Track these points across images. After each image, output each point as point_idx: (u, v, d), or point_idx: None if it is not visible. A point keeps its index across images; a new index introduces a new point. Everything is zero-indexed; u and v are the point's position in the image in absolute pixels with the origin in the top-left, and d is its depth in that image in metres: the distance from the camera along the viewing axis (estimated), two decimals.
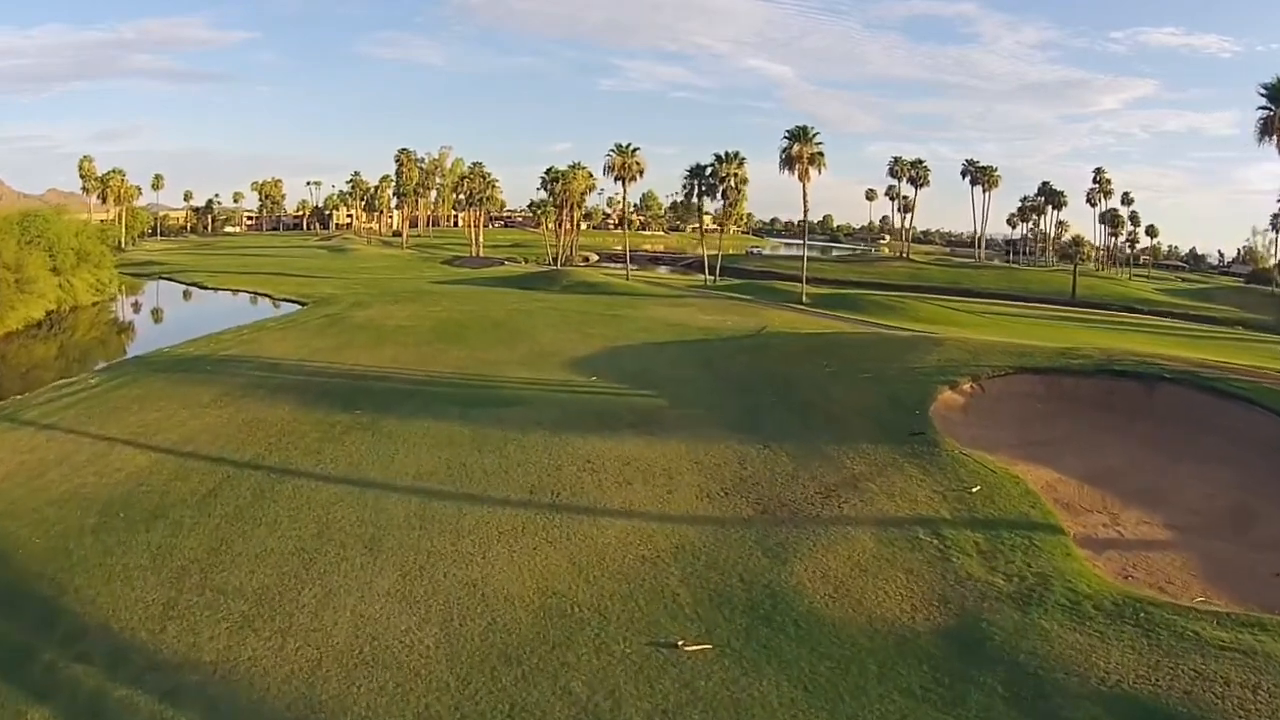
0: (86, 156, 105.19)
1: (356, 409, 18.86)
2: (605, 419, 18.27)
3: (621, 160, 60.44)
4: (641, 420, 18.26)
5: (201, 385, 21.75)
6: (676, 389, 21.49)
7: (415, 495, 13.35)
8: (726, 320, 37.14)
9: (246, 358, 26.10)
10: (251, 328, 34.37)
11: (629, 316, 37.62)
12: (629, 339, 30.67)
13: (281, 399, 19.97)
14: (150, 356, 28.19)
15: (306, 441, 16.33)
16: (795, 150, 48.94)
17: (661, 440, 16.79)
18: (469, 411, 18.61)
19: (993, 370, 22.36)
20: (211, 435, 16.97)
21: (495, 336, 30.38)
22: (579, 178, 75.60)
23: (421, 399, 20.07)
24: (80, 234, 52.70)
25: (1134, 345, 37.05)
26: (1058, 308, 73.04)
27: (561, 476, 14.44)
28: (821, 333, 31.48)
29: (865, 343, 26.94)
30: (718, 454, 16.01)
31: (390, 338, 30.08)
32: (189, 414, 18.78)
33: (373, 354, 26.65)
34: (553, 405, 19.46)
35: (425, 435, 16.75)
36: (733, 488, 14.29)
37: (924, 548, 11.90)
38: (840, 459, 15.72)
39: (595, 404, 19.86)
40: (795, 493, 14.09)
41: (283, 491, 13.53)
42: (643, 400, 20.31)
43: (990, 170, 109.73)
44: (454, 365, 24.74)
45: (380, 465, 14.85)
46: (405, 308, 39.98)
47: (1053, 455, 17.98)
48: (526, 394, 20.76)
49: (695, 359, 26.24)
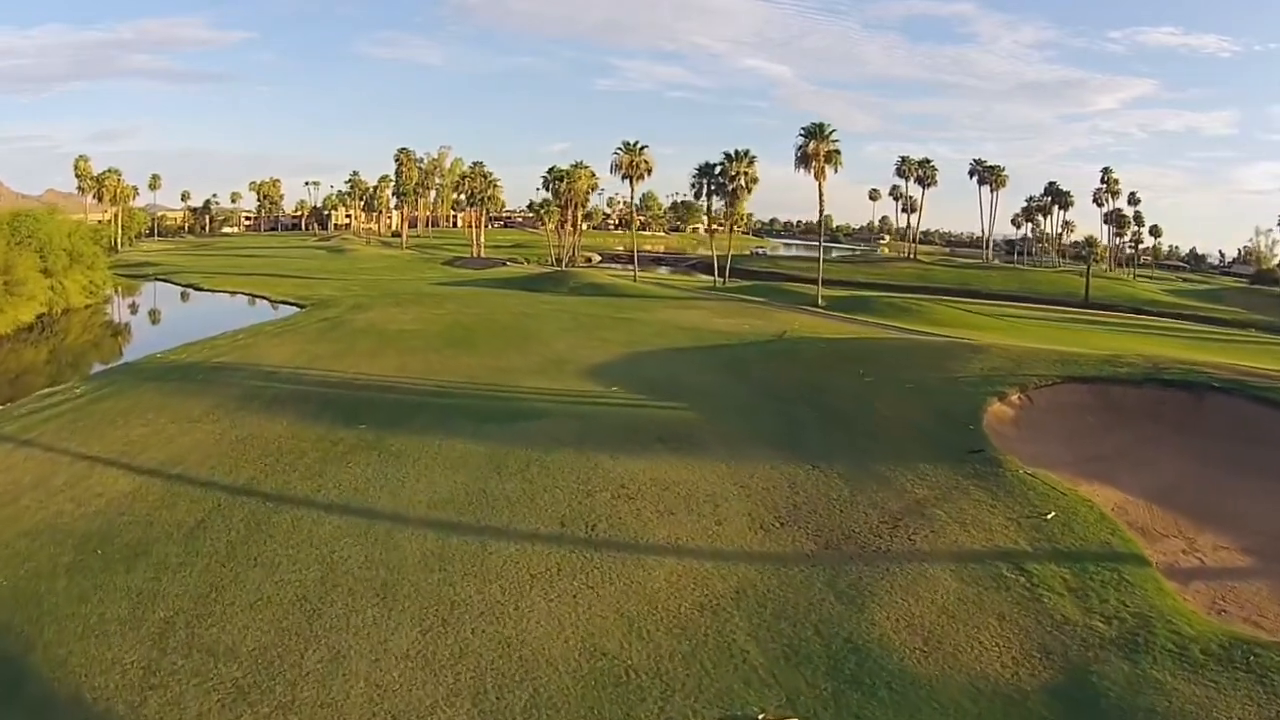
0: (82, 156, 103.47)
1: (360, 424, 17.28)
2: (634, 435, 16.71)
3: (630, 158, 58.82)
4: (674, 436, 16.70)
5: (193, 396, 20.16)
6: (706, 400, 19.95)
7: (431, 529, 11.77)
8: (744, 324, 35.61)
9: (241, 365, 24.50)
10: (247, 332, 32.77)
11: (642, 320, 36.06)
12: (646, 344, 29.12)
13: (278, 412, 18.38)
14: (141, 363, 26.60)
15: (306, 463, 14.74)
16: (811, 147, 47.40)
17: (699, 460, 15.26)
18: (483, 427, 17.03)
19: (1039, 380, 21.23)
20: (202, 455, 15.37)
21: (505, 342, 28.80)
22: (583, 177, 73.98)
23: (431, 412, 18.48)
24: (73, 234, 51.05)
25: (1167, 350, 35.75)
26: (1072, 310, 71.63)
27: (595, 505, 12.87)
28: (848, 338, 29.97)
29: (900, 349, 25.42)
30: (763, 476, 14.50)
31: (393, 343, 28.50)
32: (178, 429, 17.19)
33: (375, 361, 25.06)
34: (574, 419, 17.89)
35: (437, 455, 15.18)
36: (787, 517, 12.76)
37: (1011, 586, 10.57)
38: (899, 481, 14.28)
39: (621, 417, 18.31)
40: (858, 522, 12.61)
41: (280, 524, 11.95)
42: (672, 413, 18.74)
43: (998, 170, 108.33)
44: (463, 374, 23.17)
45: (389, 492, 13.26)
46: (408, 311, 38.39)
47: (1110, 472, 16.97)
48: (544, 406, 19.19)
49: (721, 366, 24.69)
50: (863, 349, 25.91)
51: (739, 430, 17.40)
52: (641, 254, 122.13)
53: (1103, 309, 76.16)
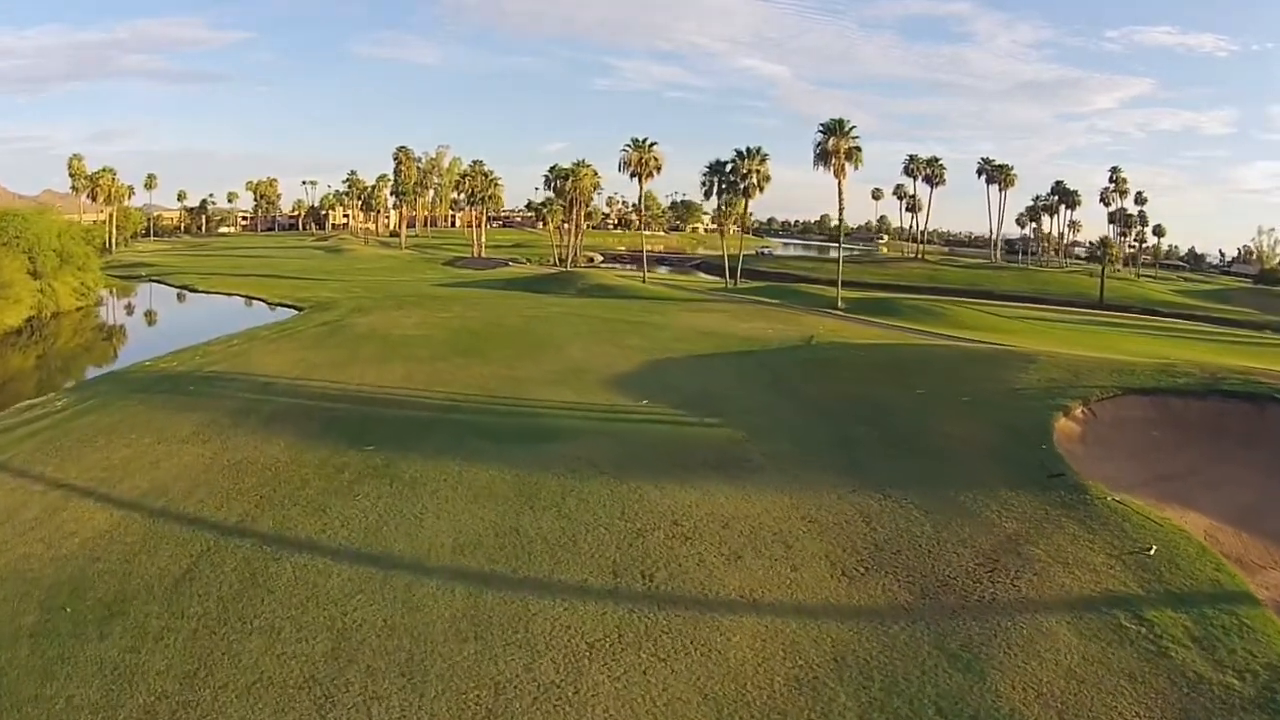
0: (76, 155, 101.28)
1: (367, 445, 15.44)
2: (677, 458, 14.91)
3: (638, 155, 56.86)
4: (723, 460, 14.91)
5: (181, 411, 18.30)
6: (748, 416, 18.16)
7: (459, 581, 9.93)
8: (767, 328, 33.81)
9: (235, 375, 22.63)
10: (242, 337, 30.87)
11: (659, 324, 34.23)
12: (668, 351, 27.30)
13: (275, 431, 16.53)
14: (128, 371, 24.74)
15: (308, 494, 12.88)
16: (831, 144, 45.58)
17: (756, 489, 13.47)
18: (507, 449, 15.20)
19: (1101, 392, 19.71)
20: (190, 483, 13.51)
21: (517, 348, 26.96)
22: (587, 175, 72.11)
23: (445, 431, 16.64)
24: (63, 235, 49.21)
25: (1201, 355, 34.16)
26: (1088, 311, 70.03)
27: (648, 547, 11.05)
28: (883, 344, 28.17)
29: (946, 358, 23.64)
30: (832, 508, 12.74)
31: (398, 350, 26.65)
32: (164, 451, 15.33)
33: (380, 371, 23.20)
34: (607, 439, 16.07)
35: (458, 484, 13.34)
36: (870, 559, 10.99)
37: (1133, 639, 9.10)
38: (983, 513, 12.59)
39: (658, 437, 16.49)
40: (950, 564, 10.89)
41: (280, 575, 10.10)
42: (713, 432, 16.95)
43: (1007, 169, 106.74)
44: (477, 384, 21.32)
45: (406, 531, 11.41)
46: (411, 314, 36.56)
47: (1187, 494, 15.63)
48: (571, 423, 17.37)
49: (755, 376, 22.91)
50: (905, 357, 24.14)
51: (792, 452, 15.63)
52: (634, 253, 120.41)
53: (1116, 310, 74.76)
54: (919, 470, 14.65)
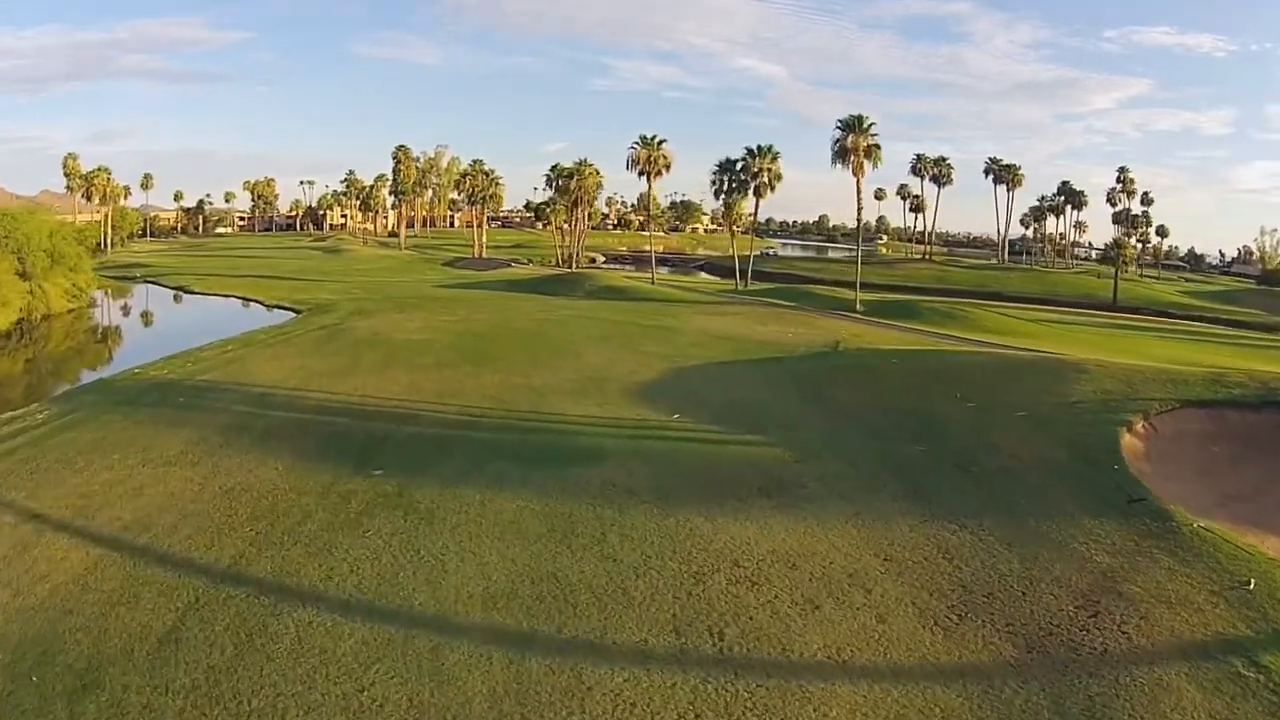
0: (71, 154, 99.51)
1: (375, 469, 13.86)
2: (723, 483, 13.36)
3: (647, 153, 55.24)
4: (773, 485, 13.37)
5: (170, 426, 16.71)
6: (789, 433, 16.64)
7: (495, 644, 8.36)
8: (787, 332, 32.31)
9: (229, 385, 21.03)
10: (237, 342, 29.26)
11: (675, 328, 32.70)
12: (689, 357, 25.77)
13: (272, 451, 14.93)
14: (117, 380, 23.13)
15: (311, 529, 11.30)
16: (850, 141, 44.08)
17: (817, 519, 11.94)
18: (532, 473, 13.63)
19: (1159, 405, 18.37)
20: (176, 514, 11.93)
21: (530, 355, 25.38)
22: (591, 174, 70.51)
23: (461, 451, 15.07)
24: (54, 235, 47.70)
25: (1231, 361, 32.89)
26: (1104, 314, 68.72)
27: (711, 596, 9.49)
28: (917, 351, 26.66)
29: (992, 367, 22.12)
30: (906, 542, 11.23)
31: (403, 356, 25.07)
32: (149, 474, 13.74)
33: (384, 379, 21.62)
34: (642, 460, 14.50)
35: (481, 516, 11.77)
36: (961, 605, 9.50)
37: (1255, 690, 7.90)
38: (1069, 545, 11.22)
39: (697, 458, 14.93)
40: (1048, 608, 9.51)
41: (282, 636, 8.51)
42: (756, 451, 15.41)
43: (1014, 168, 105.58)
44: (491, 395, 19.75)
45: (427, 578, 9.83)
46: (414, 317, 34.97)
47: (1261, 516, 14.36)
48: (599, 442, 15.80)
49: (787, 386, 21.38)
50: (946, 366, 22.62)
51: (847, 474, 14.11)
52: (643, 254, 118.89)
53: (1129, 312, 73.56)
54: (989, 495, 13.19)
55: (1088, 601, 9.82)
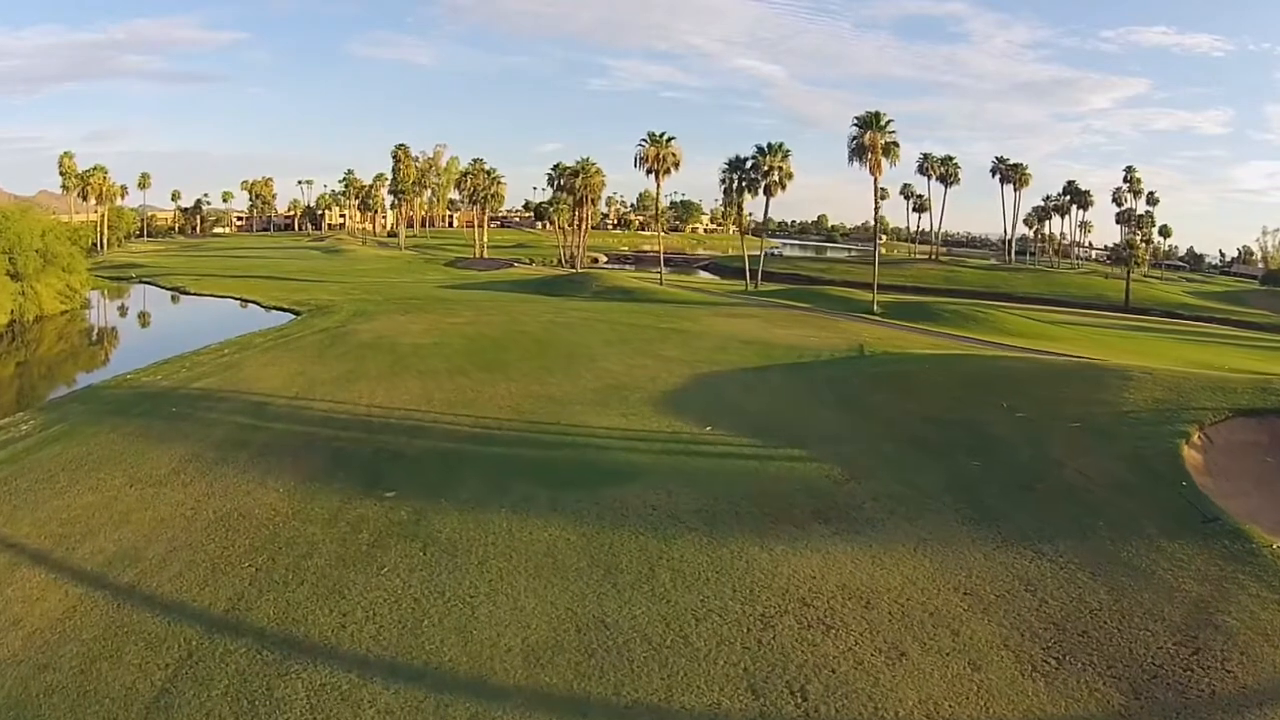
0: (67, 153, 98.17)
1: (387, 491, 12.54)
2: (773, 506, 12.06)
3: (655, 150, 53.85)
4: (828, 508, 12.08)
5: (161, 441, 15.37)
6: (833, 447, 15.34)
7: (543, 711, 7.05)
8: (808, 335, 31.02)
9: (225, 393, 19.69)
10: (234, 345, 27.92)
11: (692, 331, 31.38)
12: (712, 363, 24.47)
13: (272, 469, 13.59)
14: (107, 387, 21.78)
15: (318, 565, 9.97)
16: (867, 138, 42.79)
17: (883, 547, 10.68)
18: (562, 496, 12.31)
19: (1212, 415, 17.35)
20: (167, 545, 10.60)
21: (545, 360, 24.05)
22: (596, 173, 69.18)
23: (480, 469, 13.75)
24: (47, 235, 46.38)
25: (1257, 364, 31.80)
26: (1118, 315, 67.75)
27: (783, 644, 8.19)
28: (949, 356, 25.38)
29: (1033, 374, 20.82)
30: (982, 572, 10.04)
31: (410, 362, 23.74)
32: (137, 497, 12.41)
33: (391, 388, 20.27)
34: (680, 480, 13.19)
35: (510, 549, 10.45)
36: (1056, 645, 8.38)
37: None
38: (1154, 571, 10.05)
39: (740, 476, 13.62)
40: (1147, 645, 8.37)
41: (290, 704, 7.18)
42: (802, 468, 14.11)
43: (1021, 168, 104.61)
44: (507, 405, 18.42)
45: (456, 627, 8.49)
46: (418, 319, 33.62)
47: None
48: (631, 458, 14.49)
49: (821, 395, 20.10)
50: (985, 373, 21.33)
51: (904, 494, 12.83)
52: (642, 254, 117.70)
53: (1139, 313, 72.66)
54: (1059, 516, 12.01)
55: (1186, 637, 8.78)
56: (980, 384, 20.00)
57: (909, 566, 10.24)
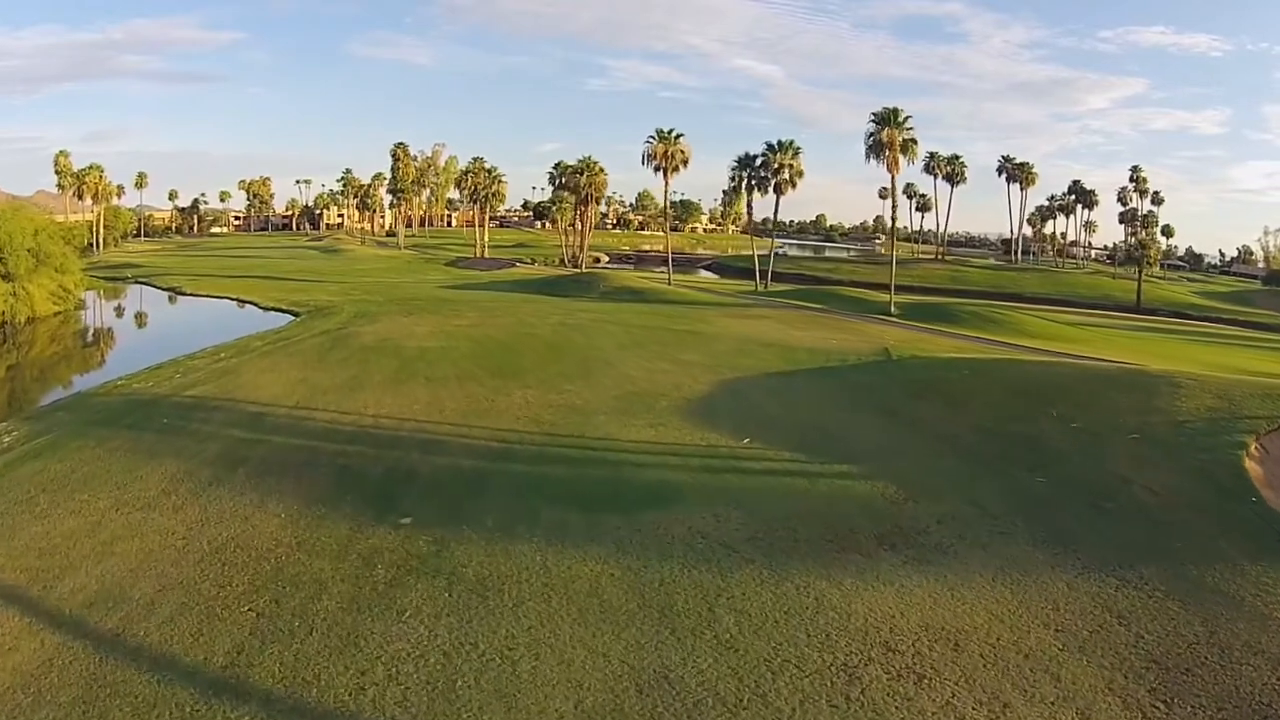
0: (62, 151, 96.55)
1: (402, 516, 11.28)
2: (833, 531, 10.85)
3: (664, 147, 52.52)
4: (893, 532, 10.90)
5: (151, 457, 14.09)
6: (883, 461, 14.16)
7: None
8: (829, 338, 29.80)
9: (220, 402, 18.41)
10: (231, 349, 26.63)
11: (709, 333, 30.13)
12: (735, 367, 23.22)
13: (272, 489, 12.32)
14: (95, 395, 20.49)
15: (328, 608, 8.70)
16: (885, 135, 41.55)
17: (959, 578, 9.55)
18: (600, 521, 11.07)
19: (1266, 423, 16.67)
20: (155, 582, 9.34)
21: (561, 365, 22.78)
22: (600, 172, 67.91)
23: (504, 490, 12.48)
24: (40, 234, 45.05)
25: None
26: (1131, 316, 66.63)
27: (874, 699, 6.99)
28: (982, 360, 24.16)
29: (1078, 380, 19.64)
30: (1069, 604, 9.12)
31: (417, 367, 22.45)
32: (123, 523, 11.14)
33: (399, 396, 18.99)
34: (726, 501, 11.95)
35: (548, 587, 9.19)
36: (1161, 687, 7.55)
37: None
38: (1243, 598, 9.13)
39: (791, 496, 12.39)
40: (1253, 684, 7.49)
41: None
42: (856, 486, 12.89)
43: (1027, 167, 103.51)
44: (525, 415, 17.14)
45: (495, 687, 7.23)
46: (423, 321, 32.33)
47: None
48: (667, 475, 13.25)
49: (857, 402, 18.90)
50: (1027, 379, 20.12)
51: (969, 514, 11.68)
52: (644, 253, 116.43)
53: (1151, 314, 71.64)
54: (1135, 538, 11.05)
55: None
56: (1025, 392, 18.81)
57: (991, 600, 9.09)
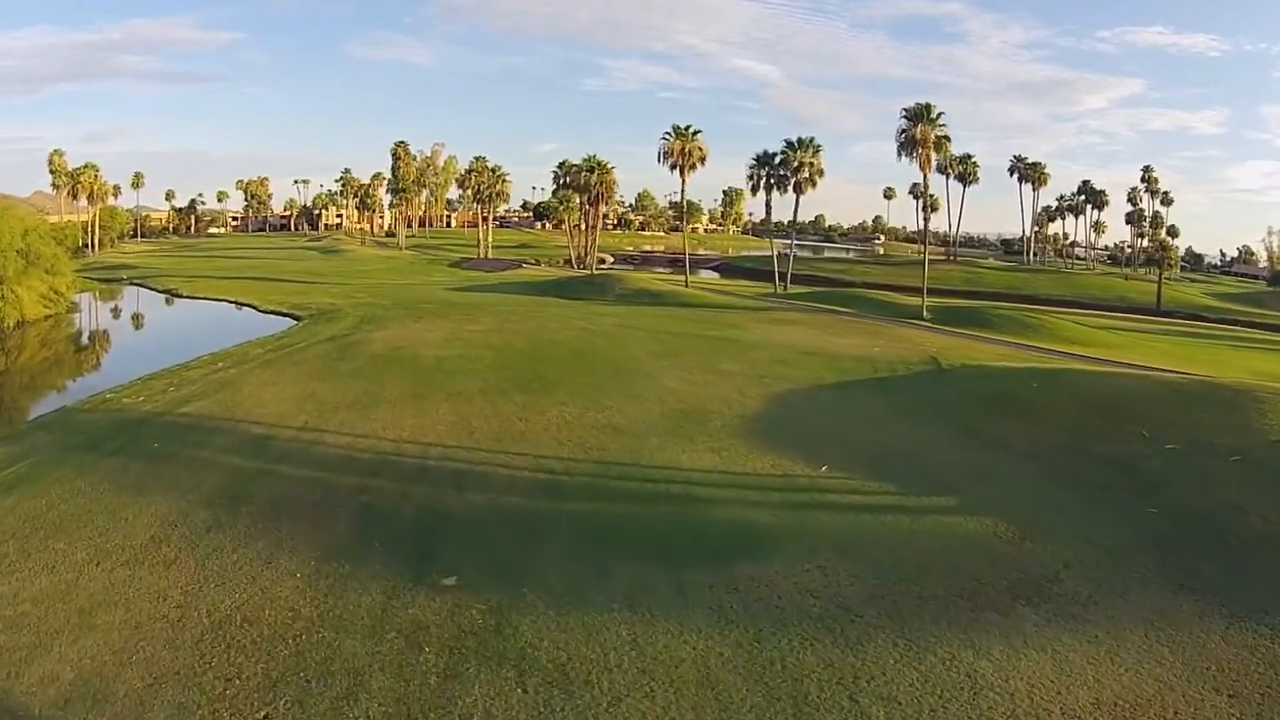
0: (56, 150, 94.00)
1: (444, 573, 9.30)
2: (958, 583, 9.02)
3: (681, 144, 50.47)
4: (1024, 583, 9.21)
5: (139, 493, 12.10)
6: (979, 490, 12.37)
7: None
8: (871, 345, 27.87)
9: (219, 421, 16.40)
10: (230, 357, 24.64)
11: (743, 341, 28.16)
12: (780, 378, 21.27)
13: (284, 539, 10.32)
14: (81, 410, 18.53)
15: (369, 712, 6.72)
16: (918, 132, 39.63)
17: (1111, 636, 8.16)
18: (684, 578, 9.10)
19: None
20: (145, 674, 7.36)
21: (594, 377, 20.76)
22: (609, 170, 65.93)
23: (563, 537, 10.48)
24: (30, 234, 43.00)
25: None
26: (1154, 319, 64.89)
27: None
28: (1052, 371, 22.25)
29: (1154, 395, 17.74)
30: (1230, 661, 8.02)
31: (437, 380, 20.42)
32: (106, 583, 9.17)
33: (421, 415, 16.93)
34: (827, 548, 10.00)
35: (644, 672, 7.24)
36: None
37: None
38: None
39: (895, 538, 10.46)
40: None
41: None
42: (963, 525, 10.99)
43: (1040, 167, 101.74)
44: (567, 438, 15.10)
45: None
46: (435, 326, 30.28)
47: None
48: (747, 513, 11.29)
49: (927, 420, 17.06)
50: (1102, 393, 18.24)
51: (1093, 556, 10.04)
52: (649, 254, 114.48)
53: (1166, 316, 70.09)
54: (1270, 578, 9.45)
55: None
56: (1103, 407, 16.97)
57: (1153, 663, 7.41)
